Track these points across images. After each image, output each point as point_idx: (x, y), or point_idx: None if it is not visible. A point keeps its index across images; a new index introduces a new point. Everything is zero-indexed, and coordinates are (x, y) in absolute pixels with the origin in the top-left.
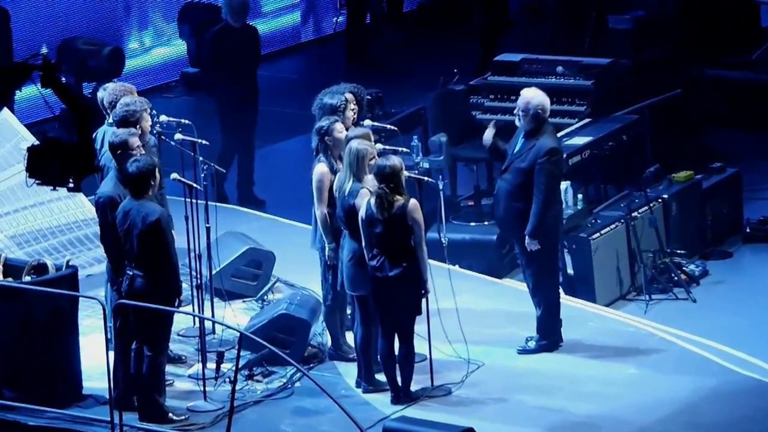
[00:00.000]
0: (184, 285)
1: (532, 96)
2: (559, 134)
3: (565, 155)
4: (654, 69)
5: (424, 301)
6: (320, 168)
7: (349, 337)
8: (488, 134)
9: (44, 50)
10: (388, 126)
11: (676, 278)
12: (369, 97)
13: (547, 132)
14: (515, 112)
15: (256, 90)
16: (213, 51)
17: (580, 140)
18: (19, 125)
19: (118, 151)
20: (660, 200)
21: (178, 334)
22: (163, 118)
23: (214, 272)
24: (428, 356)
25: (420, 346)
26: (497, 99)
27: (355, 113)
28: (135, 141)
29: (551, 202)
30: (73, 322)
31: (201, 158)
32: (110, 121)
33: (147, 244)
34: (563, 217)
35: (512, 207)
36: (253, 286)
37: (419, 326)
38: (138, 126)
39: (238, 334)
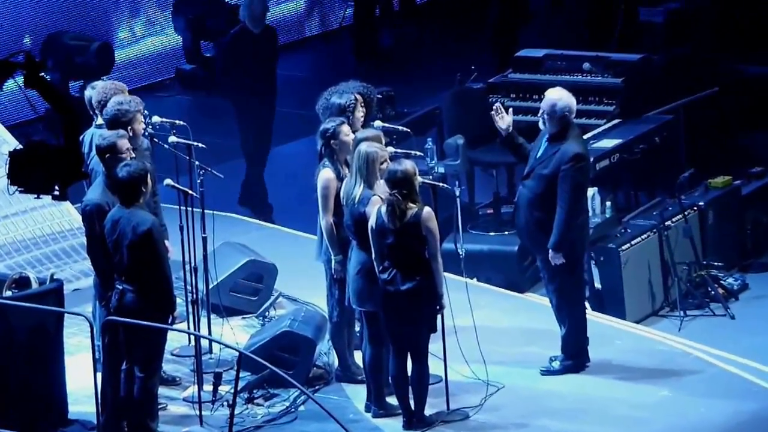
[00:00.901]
0: (178, 300)
1: (558, 98)
2: (586, 136)
3: (592, 159)
4: (689, 65)
5: (439, 317)
6: (325, 174)
7: (358, 357)
8: (504, 120)
9: (27, 40)
10: (400, 127)
11: (712, 292)
12: (379, 96)
13: (573, 136)
14: (539, 114)
15: (274, 92)
16: (231, 55)
17: (608, 143)
18: (0, 127)
19: (106, 155)
20: (695, 208)
21: (172, 354)
22: (156, 119)
23: (211, 286)
24: (444, 377)
25: (435, 367)
26: (518, 98)
27: (364, 114)
28: (124, 144)
29: (576, 212)
30: (58, 341)
31: (197, 162)
32: (99, 122)
33: (138, 255)
34: (590, 227)
35: (533, 216)
36: (253, 302)
37: (434, 345)
38: (129, 128)
39: (237, 354)
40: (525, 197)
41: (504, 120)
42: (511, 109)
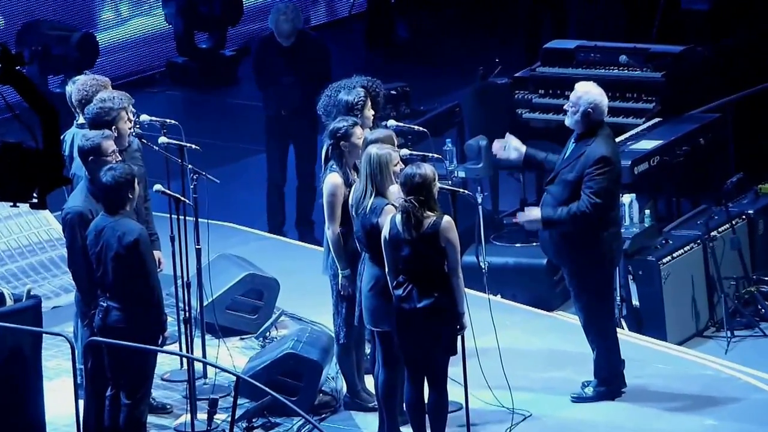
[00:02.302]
0: (169, 319)
1: (585, 91)
2: (623, 137)
3: (629, 162)
4: (737, 58)
5: (459, 338)
6: (332, 179)
7: (369, 382)
8: (507, 151)
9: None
10: (416, 127)
11: (763, 311)
12: (393, 92)
13: (601, 136)
14: (565, 107)
15: (312, 114)
16: (258, 65)
17: (647, 144)
18: None
19: (90, 158)
20: (744, 217)
21: (162, 379)
22: (145, 117)
23: (205, 304)
24: (464, 405)
25: (454, 393)
26: (547, 94)
27: (373, 113)
28: (110, 145)
29: (598, 211)
30: (36, 364)
31: (190, 166)
32: (80, 121)
33: (124, 269)
34: (627, 238)
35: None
36: (252, 321)
37: (453, 369)
38: (114, 127)
39: (234, 378)
40: (549, 205)
41: (511, 151)
42: (509, 136)
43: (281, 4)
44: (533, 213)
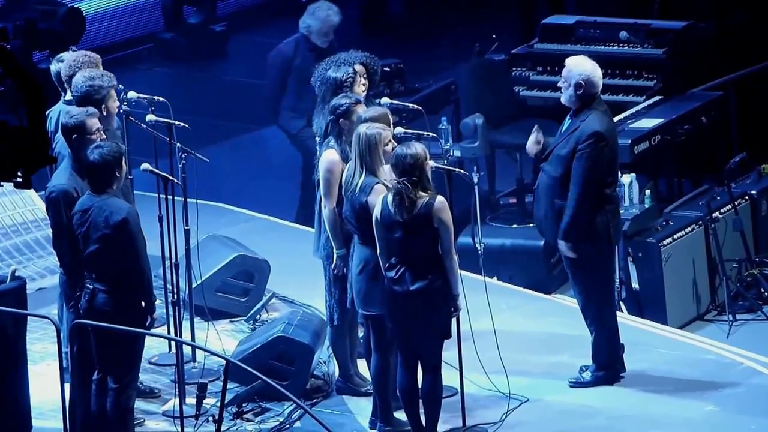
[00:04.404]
0: (157, 301)
1: (575, 64)
2: (624, 115)
3: (629, 141)
4: (741, 34)
5: (453, 321)
6: (329, 155)
7: (362, 366)
8: (531, 144)
9: None
10: (411, 105)
11: (766, 294)
12: (387, 68)
13: (596, 111)
14: (558, 84)
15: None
16: (282, 79)
17: (648, 123)
18: None
19: (73, 136)
20: (747, 197)
21: (150, 362)
22: (132, 94)
23: (194, 286)
24: (459, 390)
25: (449, 378)
26: (545, 71)
27: (365, 89)
28: (94, 123)
29: (591, 188)
30: (20, 348)
31: (179, 144)
32: (67, 98)
33: (112, 249)
34: (626, 219)
35: (553, 205)
36: (242, 303)
37: (448, 353)
38: (103, 106)
39: (223, 362)
40: (544, 183)
41: (533, 145)
42: (536, 128)
43: (319, 1)
44: (567, 250)
